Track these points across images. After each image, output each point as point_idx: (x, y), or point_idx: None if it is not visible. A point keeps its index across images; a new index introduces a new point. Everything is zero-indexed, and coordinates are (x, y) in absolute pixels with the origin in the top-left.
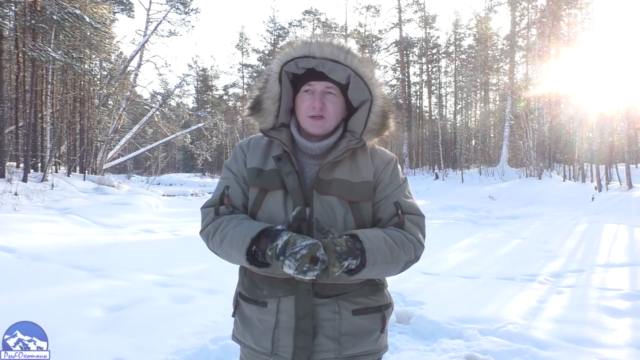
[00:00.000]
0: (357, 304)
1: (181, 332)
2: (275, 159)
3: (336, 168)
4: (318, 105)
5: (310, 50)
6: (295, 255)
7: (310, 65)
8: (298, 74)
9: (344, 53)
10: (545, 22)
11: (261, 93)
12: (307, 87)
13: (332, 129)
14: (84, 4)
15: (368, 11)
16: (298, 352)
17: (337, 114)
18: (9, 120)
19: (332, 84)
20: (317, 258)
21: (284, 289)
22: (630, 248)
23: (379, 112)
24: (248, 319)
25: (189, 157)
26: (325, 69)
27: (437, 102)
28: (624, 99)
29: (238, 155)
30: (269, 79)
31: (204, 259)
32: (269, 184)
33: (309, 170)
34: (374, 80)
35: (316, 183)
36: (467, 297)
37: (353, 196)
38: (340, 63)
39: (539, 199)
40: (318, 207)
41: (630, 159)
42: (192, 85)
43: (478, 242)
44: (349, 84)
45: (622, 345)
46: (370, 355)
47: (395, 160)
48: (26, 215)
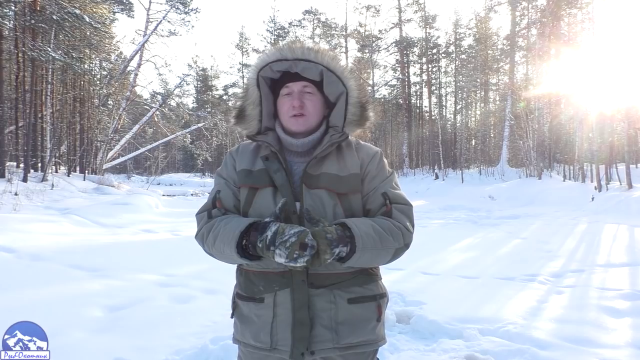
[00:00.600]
0: (352, 293)
1: (181, 332)
2: (263, 158)
3: (323, 163)
4: (297, 104)
5: (282, 53)
6: (285, 244)
7: (284, 67)
8: (275, 78)
9: (314, 52)
10: (546, 22)
11: (243, 102)
12: (285, 90)
13: (313, 125)
14: (83, 3)
15: (368, 11)
16: (296, 343)
17: (316, 110)
18: (9, 120)
19: (308, 83)
20: (306, 244)
21: (279, 282)
22: (630, 248)
23: (357, 104)
24: (246, 317)
25: (189, 157)
26: (298, 69)
27: (437, 102)
28: (624, 99)
29: (228, 161)
30: (248, 87)
31: (204, 259)
32: (258, 182)
33: (296, 167)
34: (346, 74)
35: (305, 178)
36: (467, 297)
37: (341, 188)
38: (311, 61)
39: (539, 199)
40: (308, 201)
41: (630, 159)
42: (192, 85)
43: (478, 242)
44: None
45: (622, 346)
46: (368, 345)
47: (381, 154)
48: (26, 215)
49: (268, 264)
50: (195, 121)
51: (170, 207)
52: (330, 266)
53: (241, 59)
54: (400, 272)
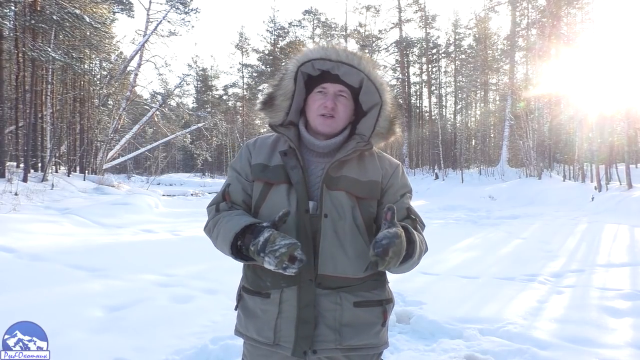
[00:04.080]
0: (359, 297)
1: (181, 332)
2: (282, 153)
3: (344, 166)
4: (330, 105)
5: (326, 53)
6: (274, 253)
7: (325, 67)
8: (313, 75)
9: (357, 58)
10: (546, 22)
11: (275, 90)
12: (320, 89)
13: (340, 129)
14: (83, 3)
15: (368, 11)
16: (299, 341)
17: (346, 115)
18: (9, 120)
19: (344, 88)
20: (295, 257)
21: (287, 279)
22: (630, 248)
23: (387, 117)
24: (251, 310)
25: (189, 157)
26: (340, 72)
27: (437, 102)
28: (623, 99)
29: (243, 153)
30: (284, 77)
31: (204, 259)
32: (274, 177)
33: (314, 167)
34: (385, 86)
35: (326, 179)
36: (467, 297)
37: (360, 192)
38: (354, 67)
39: (539, 199)
40: (327, 202)
41: (630, 159)
42: (192, 85)
43: (478, 242)
44: (360, 88)
45: (623, 345)
46: (371, 349)
47: (402, 167)
48: (26, 215)
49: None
50: (195, 121)
51: (170, 207)
52: (341, 270)
53: (241, 59)
54: None
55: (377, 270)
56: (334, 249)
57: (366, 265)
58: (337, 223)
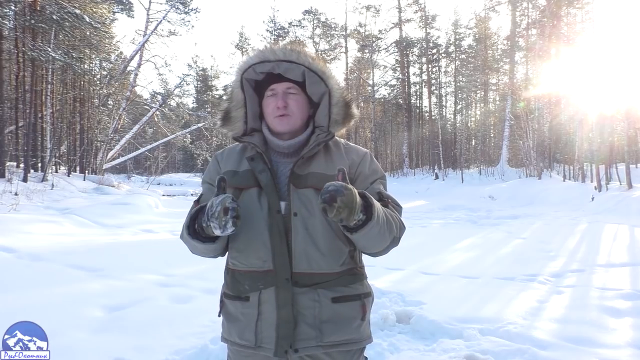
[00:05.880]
0: (337, 292)
1: (181, 332)
2: (249, 159)
3: (311, 163)
4: (281, 104)
5: (264, 55)
6: (214, 215)
7: (267, 69)
8: (258, 79)
9: (296, 53)
10: (546, 22)
11: (228, 104)
12: (269, 92)
13: (298, 125)
14: (83, 3)
15: (368, 11)
16: (280, 341)
17: (300, 110)
18: (9, 120)
19: (291, 84)
20: (227, 208)
21: (264, 281)
22: (630, 248)
23: (340, 102)
24: (232, 315)
25: (189, 157)
26: (281, 70)
27: (437, 102)
28: (623, 99)
29: (212, 166)
30: (232, 89)
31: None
32: (244, 182)
33: (283, 168)
34: (328, 73)
35: (292, 178)
36: (467, 297)
37: None
38: (294, 62)
39: (539, 199)
40: (296, 201)
41: (630, 159)
42: (192, 85)
43: (478, 242)
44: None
45: (623, 345)
46: (352, 344)
47: (371, 155)
48: (26, 215)
49: (252, 263)
50: (195, 121)
51: (170, 207)
52: (315, 266)
53: (241, 59)
54: (400, 272)
55: (327, 218)
56: (307, 246)
57: (342, 260)
58: (308, 220)
